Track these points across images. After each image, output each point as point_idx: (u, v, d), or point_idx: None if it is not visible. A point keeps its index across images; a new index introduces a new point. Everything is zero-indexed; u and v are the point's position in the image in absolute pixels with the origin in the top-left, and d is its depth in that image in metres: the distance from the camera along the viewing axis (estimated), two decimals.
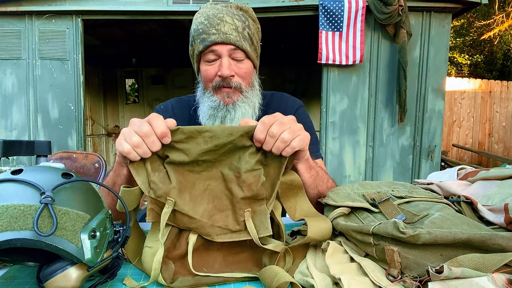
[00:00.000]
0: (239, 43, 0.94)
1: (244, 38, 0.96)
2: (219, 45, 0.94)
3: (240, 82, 0.98)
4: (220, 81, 0.96)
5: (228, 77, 0.95)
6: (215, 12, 0.94)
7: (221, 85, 0.96)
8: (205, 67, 0.98)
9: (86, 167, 1.67)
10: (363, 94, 3.91)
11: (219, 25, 0.93)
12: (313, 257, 0.60)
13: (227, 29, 0.93)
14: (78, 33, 3.76)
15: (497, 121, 7.31)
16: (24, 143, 1.22)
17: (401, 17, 3.54)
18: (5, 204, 0.44)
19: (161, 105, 1.16)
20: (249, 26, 0.98)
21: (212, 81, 0.98)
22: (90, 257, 0.47)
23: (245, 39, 0.96)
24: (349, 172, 3.99)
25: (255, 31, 1.01)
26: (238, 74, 0.97)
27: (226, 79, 0.95)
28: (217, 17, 0.94)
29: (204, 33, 0.94)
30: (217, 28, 0.93)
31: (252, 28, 0.99)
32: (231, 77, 0.96)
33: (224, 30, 0.93)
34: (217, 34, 0.93)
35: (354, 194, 0.67)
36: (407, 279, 0.48)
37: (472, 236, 0.46)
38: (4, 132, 3.84)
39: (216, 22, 0.93)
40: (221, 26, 0.93)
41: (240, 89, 0.98)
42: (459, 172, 0.83)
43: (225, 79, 0.95)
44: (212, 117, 0.99)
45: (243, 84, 0.99)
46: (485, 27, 9.57)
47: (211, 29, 0.93)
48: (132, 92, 7.94)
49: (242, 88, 0.98)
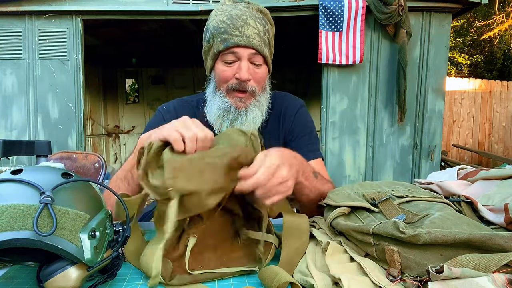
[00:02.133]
0: (260, 48, 0.94)
1: (264, 43, 0.96)
2: (241, 47, 0.93)
3: (255, 87, 0.98)
4: (236, 84, 0.96)
5: (245, 80, 0.95)
6: (238, 13, 0.93)
7: (236, 88, 0.96)
8: (222, 67, 0.97)
9: (86, 167, 1.67)
10: (363, 94, 3.90)
11: (242, 28, 0.92)
12: (313, 256, 0.60)
13: (250, 32, 0.92)
14: (78, 33, 3.76)
15: (497, 121, 7.31)
16: (24, 143, 1.21)
17: (401, 17, 3.54)
18: (5, 204, 0.44)
19: (163, 105, 1.15)
20: (268, 31, 0.98)
21: (227, 82, 0.97)
22: (90, 257, 0.47)
23: (265, 44, 0.96)
24: (349, 172, 3.99)
25: (272, 35, 1.01)
26: (255, 78, 0.97)
27: (242, 82, 0.95)
28: (241, 18, 0.93)
29: (226, 33, 0.93)
30: (241, 30, 0.92)
31: (271, 33, 1.00)
32: (248, 81, 0.96)
33: (247, 33, 0.92)
34: (240, 37, 0.92)
35: (354, 194, 0.67)
36: (407, 279, 0.48)
37: (472, 236, 0.46)
38: (4, 132, 3.84)
39: (239, 24, 0.92)
40: (244, 29, 0.92)
41: (254, 93, 0.98)
42: (459, 172, 0.83)
43: (242, 82, 0.95)
44: (221, 118, 0.98)
45: (258, 88, 0.99)
46: (485, 27, 9.57)
47: (234, 31, 0.92)
48: (132, 92, 7.94)
49: (256, 92, 0.98)
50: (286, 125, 1.10)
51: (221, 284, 0.58)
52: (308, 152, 1.04)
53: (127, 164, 0.80)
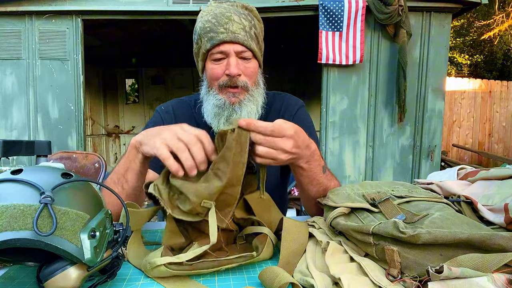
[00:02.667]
0: (247, 42, 0.95)
1: (251, 38, 0.96)
2: (227, 44, 0.94)
3: (247, 81, 0.98)
4: (227, 80, 0.96)
5: (235, 76, 0.95)
6: (223, 11, 0.94)
7: (228, 84, 0.96)
8: (211, 66, 0.98)
9: (86, 167, 1.67)
10: (363, 94, 3.90)
11: (227, 24, 0.93)
12: (313, 256, 0.60)
13: (235, 28, 0.93)
14: (78, 33, 3.76)
15: (497, 121, 7.32)
16: (24, 143, 1.21)
17: (401, 17, 3.54)
18: (4, 204, 0.44)
19: (161, 106, 1.16)
20: (255, 26, 0.98)
21: (218, 80, 0.98)
22: (90, 257, 0.47)
23: (252, 39, 0.96)
24: (349, 172, 3.99)
25: (260, 30, 1.02)
26: (245, 73, 0.98)
27: (233, 78, 0.95)
28: (225, 16, 0.93)
29: (212, 31, 0.93)
30: (226, 27, 0.93)
31: (258, 28, 1.00)
32: (238, 76, 0.96)
33: (232, 29, 0.93)
34: (225, 33, 0.92)
35: (354, 194, 0.67)
36: (407, 279, 0.48)
37: (472, 236, 0.46)
38: (4, 132, 3.84)
39: (224, 21, 0.93)
40: (229, 25, 0.93)
41: (246, 88, 0.98)
42: (459, 172, 0.83)
43: (232, 78, 0.95)
44: (217, 116, 0.99)
45: (249, 83, 0.99)
46: (485, 27, 9.57)
47: (219, 28, 0.93)
48: (132, 92, 7.93)
49: (248, 86, 0.98)
50: None
51: (221, 284, 0.58)
52: None
53: (120, 168, 0.78)
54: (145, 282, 0.58)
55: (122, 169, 0.78)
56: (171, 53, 6.20)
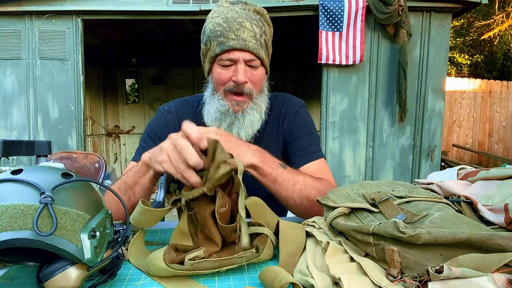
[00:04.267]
0: (256, 51, 0.94)
1: (261, 45, 0.96)
2: (237, 51, 0.93)
3: (252, 89, 0.98)
4: (233, 86, 0.96)
5: (242, 83, 0.95)
6: (235, 16, 0.93)
7: (233, 90, 0.97)
8: (219, 70, 0.97)
9: (86, 167, 1.67)
10: (363, 94, 3.91)
11: (238, 31, 0.92)
12: (313, 256, 0.60)
13: (246, 35, 0.92)
14: (78, 33, 3.76)
15: (497, 121, 7.32)
16: (24, 143, 1.21)
17: (401, 17, 3.54)
18: (5, 204, 0.44)
19: (164, 105, 1.15)
20: (265, 32, 0.98)
21: (224, 85, 0.98)
22: (90, 257, 0.47)
23: (262, 47, 0.96)
24: (349, 172, 3.99)
25: (270, 36, 1.01)
26: (252, 80, 0.98)
27: (239, 85, 0.95)
28: (237, 21, 0.92)
29: (222, 36, 0.93)
30: (237, 33, 0.92)
31: (268, 34, 0.99)
32: (245, 83, 0.96)
33: (243, 36, 0.92)
34: (236, 40, 0.92)
35: (354, 194, 0.67)
36: (407, 279, 0.48)
37: (472, 236, 0.46)
38: (4, 132, 3.84)
39: (235, 27, 0.92)
40: (240, 32, 0.92)
41: (251, 95, 0.98)
42: (459, 172, 0.83)
43: (239, 85, 0.95)
44: (218, 121, 0.99)
45: (255, 91, 0.99)
46: (485, 27, 9.57)
47: (230, 34, 0.92)
48: (132, 92, 7.93)
49: (253, 94, 0.98)
50: (286, 126, 1.10)
51: (222, 284, 0.58)
52: (309, 153, 1.04)
53: (129, 180, 0.78)
54: (145, 282, 0.58)
55: (131, 182, 0.78)
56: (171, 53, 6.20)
